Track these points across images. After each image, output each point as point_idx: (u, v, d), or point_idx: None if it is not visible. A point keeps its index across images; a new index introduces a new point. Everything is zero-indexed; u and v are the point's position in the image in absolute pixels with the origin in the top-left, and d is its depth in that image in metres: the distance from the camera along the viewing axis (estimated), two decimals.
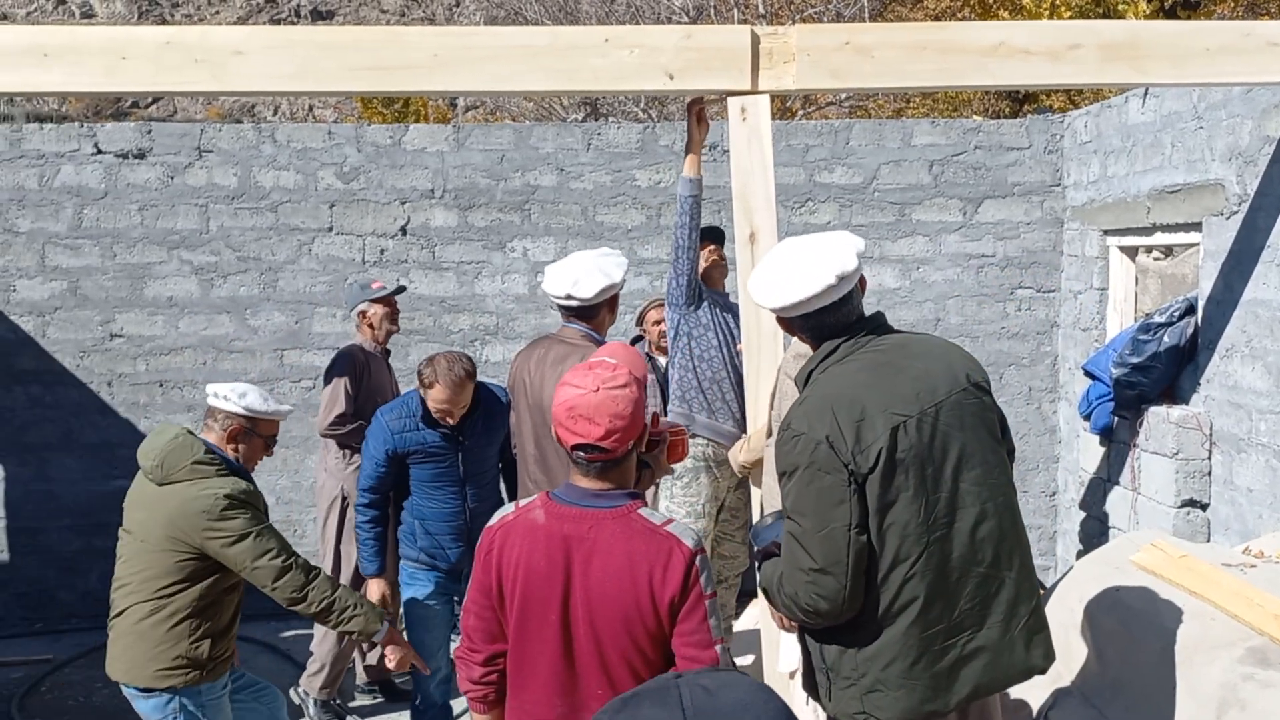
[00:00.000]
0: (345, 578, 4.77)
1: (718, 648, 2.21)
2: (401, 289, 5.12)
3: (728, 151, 6.27)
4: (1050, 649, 2.54)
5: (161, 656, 3.17)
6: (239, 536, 3.15)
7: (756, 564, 2.73)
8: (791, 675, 3.31)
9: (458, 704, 4.41)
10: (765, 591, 2.57)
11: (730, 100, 3.80)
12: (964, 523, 2.42)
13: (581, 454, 2.25)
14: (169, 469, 3.19)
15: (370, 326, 4.91)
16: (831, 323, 2.53)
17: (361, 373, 4.81)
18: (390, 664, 3.52)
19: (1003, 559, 2.46)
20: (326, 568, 4.92)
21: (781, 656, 3.43)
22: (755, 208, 3.79)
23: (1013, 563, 2.47)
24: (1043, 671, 2.53)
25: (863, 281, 3.15)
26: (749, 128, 3.80)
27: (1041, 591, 2.66)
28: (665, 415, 5.69)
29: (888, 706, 2.40)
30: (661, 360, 5.77)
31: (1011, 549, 2.48)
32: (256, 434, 3.39)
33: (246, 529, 3.16)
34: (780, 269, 2.52)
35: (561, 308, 3.66)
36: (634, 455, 2.32)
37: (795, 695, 3.12)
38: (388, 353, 5.07)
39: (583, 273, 3.55)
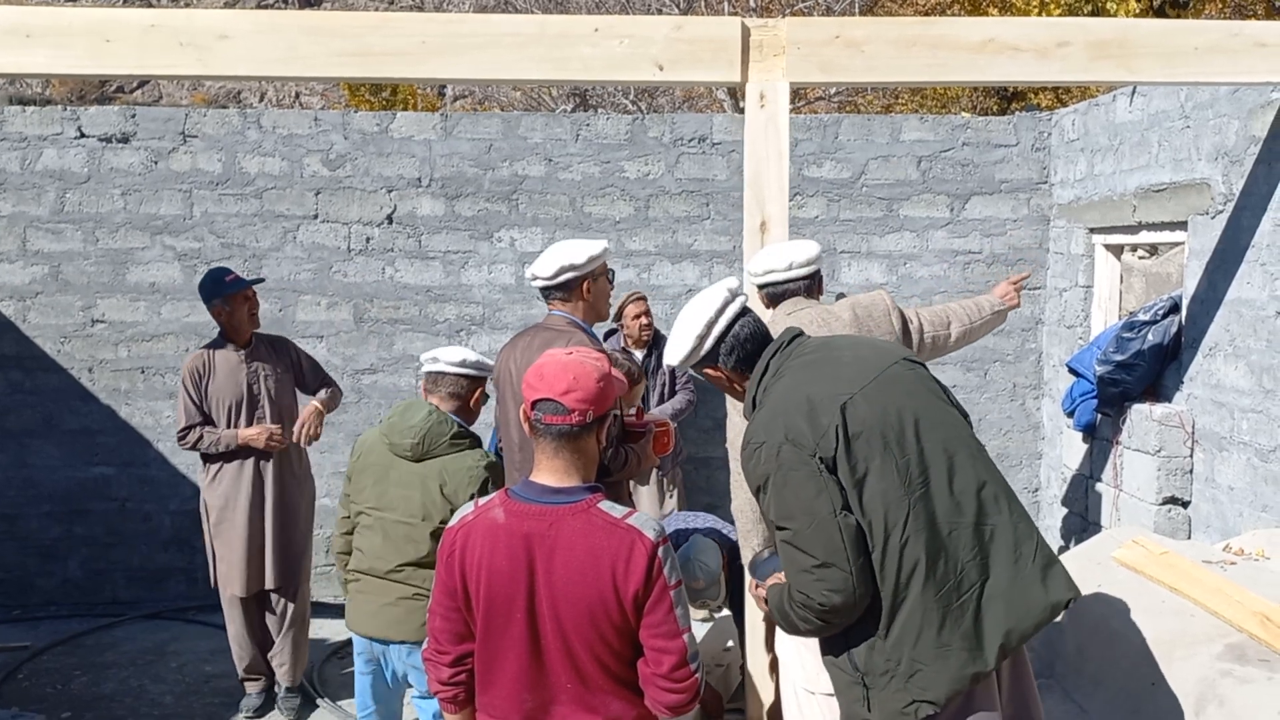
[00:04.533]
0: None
1: (685, 636, 2.22)
2: (258, 280, 4.77)
3: (718, 145, 6.30)
4: (1069, 579, 2.51)
5: None
6: None
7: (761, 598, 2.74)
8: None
9: None
10: (780, 618, 2.54)
11: (749, 86, 3.79)
12: (938, 480, 2.44)
13: (541, 415, 2.24)
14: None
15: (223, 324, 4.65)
16: (744, 354, 2.67)
17: (200, 380, 4.55)
18: None
19: (988, 506, 2.47)
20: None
21: (811, 675, 3.33)
22: (768, 197, 3.80)
23: (1000, 507, 2.48)
24: (1068, 605, 2.50)
25: (819, 283, 3.29)
26: (766, 115, 3.79)
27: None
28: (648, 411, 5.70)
29: (934, 682, 2.37)
30: (638, 355, 5.77)
31: (995, 495, 2.49)
32: None
33: None
34: (673, 332, 2.73)
35: (541, 290, 3.64)
36: (595, 439, 2.31)
37: (807, 710, 3.10)
38: (249, 343, 4.66)
39: (549, 254, 3.56)
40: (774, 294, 3.71)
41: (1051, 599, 2.47)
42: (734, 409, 3.43)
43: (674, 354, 2.69)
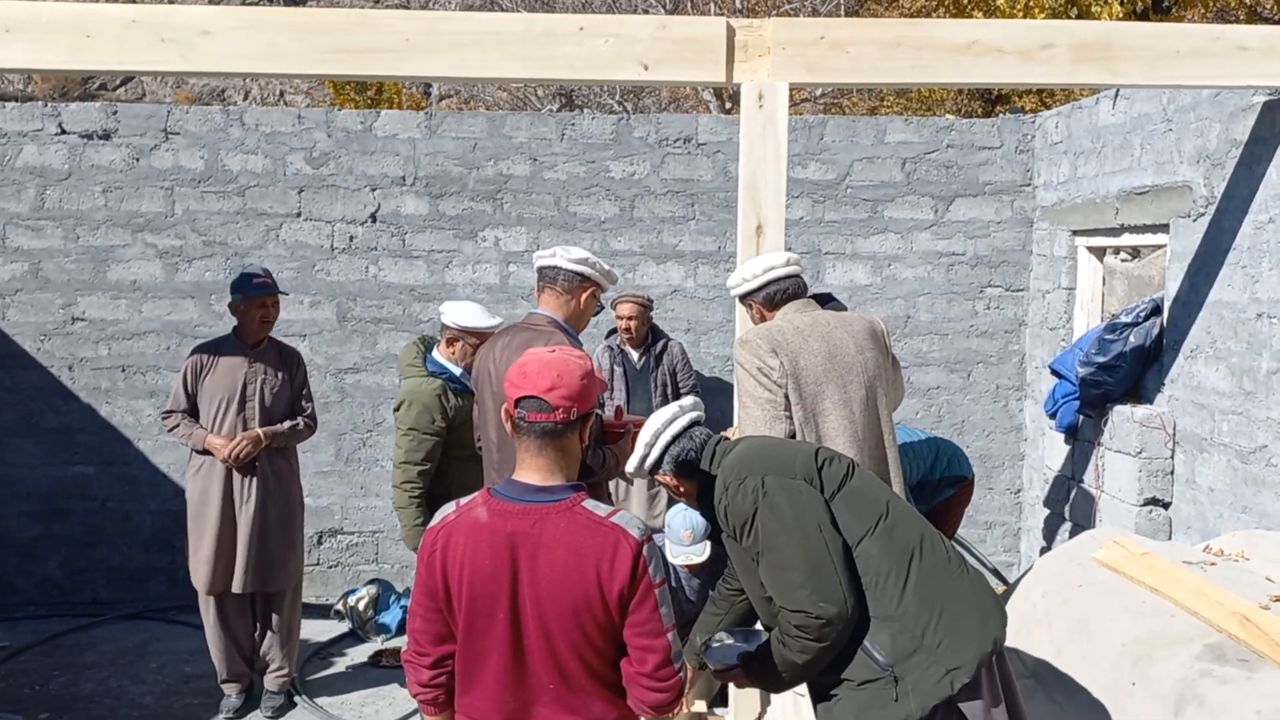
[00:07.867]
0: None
1: (669, 635, 2.21)
2: (283, 292, 4.81)
3: (703, 145, 6.30)
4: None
5: None
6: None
7: (715, 679, 2.93)
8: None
9: None
10: (776, 659, 2.61)
11: (746, 86, 3.77)
12: (896, 485, 2.84)
13: (524, 413, 2.22)
14: None
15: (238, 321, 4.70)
16: (683, 463, 2.80)
17: (200, 372, 4.60)
18: None
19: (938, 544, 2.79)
20: None
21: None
22: (764, 199, 3.77)
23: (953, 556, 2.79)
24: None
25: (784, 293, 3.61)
26: (764, 115, 3.77)
27: (1003, 587, 2.91)
28: (633, 408, 5.69)
29: (965, 645, 2.50)
30: (634, 354, 5.77)
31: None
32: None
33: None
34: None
35: (550, 271, 3.63)
36: (578, 438, 2.28)
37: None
38: (259, 345, 4.68)
39: (581, 250, 3.64)
40: (749, 303, 3.67)
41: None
42: (740, 407, 3.43)
43: (630, 465, 2.84)
